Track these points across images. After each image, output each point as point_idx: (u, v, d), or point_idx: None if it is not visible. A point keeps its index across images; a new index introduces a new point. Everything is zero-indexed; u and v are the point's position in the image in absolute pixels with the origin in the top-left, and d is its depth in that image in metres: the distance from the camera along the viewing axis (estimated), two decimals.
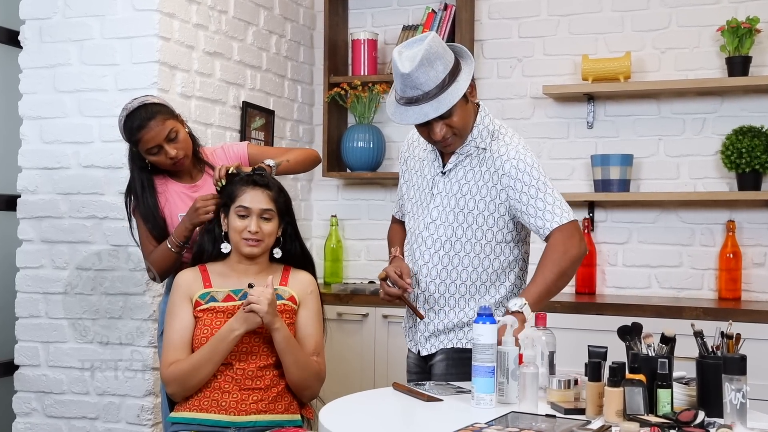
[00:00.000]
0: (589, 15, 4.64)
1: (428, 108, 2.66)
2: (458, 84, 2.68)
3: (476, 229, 2.83)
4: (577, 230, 2.78)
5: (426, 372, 2.98)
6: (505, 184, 2.79)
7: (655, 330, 2.48)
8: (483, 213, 2.82)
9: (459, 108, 2.72)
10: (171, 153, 3.14)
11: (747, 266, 4.33)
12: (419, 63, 2.61)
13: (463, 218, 2.84)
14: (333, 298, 4.42)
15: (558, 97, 4.62)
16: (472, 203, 2.83)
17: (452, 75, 2.68)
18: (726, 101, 4.41)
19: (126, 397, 3.80)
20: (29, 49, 3.94)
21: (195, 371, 2.79)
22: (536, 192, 2.76)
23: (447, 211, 2.85)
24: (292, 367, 2.83)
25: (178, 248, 3.15)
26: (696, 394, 2.35)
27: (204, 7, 4.08)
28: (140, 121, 3.10)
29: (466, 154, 2.84)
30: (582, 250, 2.78)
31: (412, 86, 2.65)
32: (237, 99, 4.36)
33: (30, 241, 3.94)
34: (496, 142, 2.83)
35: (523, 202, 2.77)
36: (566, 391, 2.44)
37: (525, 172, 2.77)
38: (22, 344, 3.95)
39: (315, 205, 5.13)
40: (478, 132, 2.83)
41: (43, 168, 3.92)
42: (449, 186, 2.86)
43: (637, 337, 2.46)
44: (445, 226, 2.85)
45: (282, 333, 2.78)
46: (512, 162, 2.78)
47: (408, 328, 3.04)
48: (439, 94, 2.65)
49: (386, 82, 4.74)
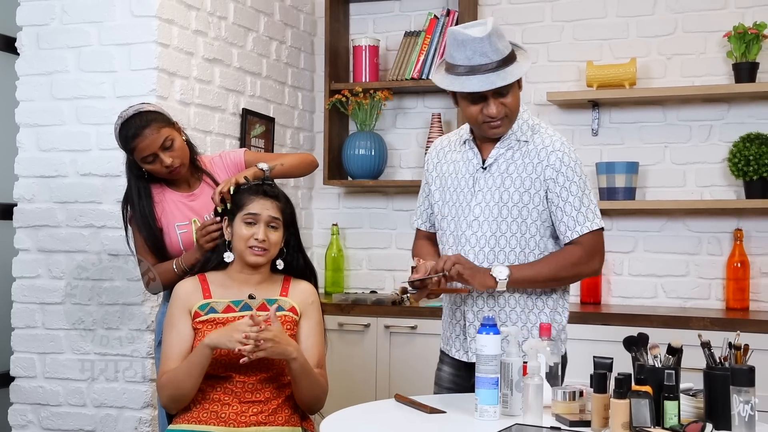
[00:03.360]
0: (594, 21, 4.61)
1: (495, 77, 2.66)
2: (520, 64, 2.71)
3: (521, 222, 2.79)
4: (601, 247, 2.81)
5: (467, 383, 2.85)
6: (549, 176, 2.77)
7: (661, 341, 2.47)
8: (527, 206, 2.78)
9: (515, 91, 2.75)
10: (166, 161, 3.12)
11: (755, 276, 4.30)
12: (491, 32, 2.64)
13: (507, 212, 2.79)
14: (334, 308, 4.38)
15: (562, 104, 4.60)
16: (517, 196, 2.78)
17: (515, 54, 2.73)
18: (733, 108, 4.38)
19: (124, 409, 3.77)
20: (26, 55, 3.92)
21: (177, 383, 2.76)
22: (577, 189, 2.77)
23: (491, 207, 2.80)
24: (305, 389, 2.81)
25: (182, 272, 3.13)
26: (703, 406, 2.33)
27: (203, 13, 4.06)
28: (135, 130, 3.08)
29: (507, 147, 2.81)
30: (592, 271, 2.82)
31: (482, 53, 2.64)
32: (237, 106, 4.33)
33: (26, 251, 3.92)
34: (539, 135, 2.82)
35: (562, 197, 2.76)
36: (571, 402, 2.41)
37: (569, 167, 2.77)
38: (18, 355, 3.92)
39: (316, 213, 5.10)
40: (519, 126, 2.82)
41: (39, 176, 3.89)
42: (491, 180, 2.81)
43: (643, 348, 2.44)
44: (489, 221, 2.80)
45: (299, 362, 2.75)
46: (557, 154, 2.77)
47: (454, 337, 2.93)
48: (505, 66, 2.67)
49: (388, 88, 4.72)
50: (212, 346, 2.72)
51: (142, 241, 3.21)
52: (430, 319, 4.18)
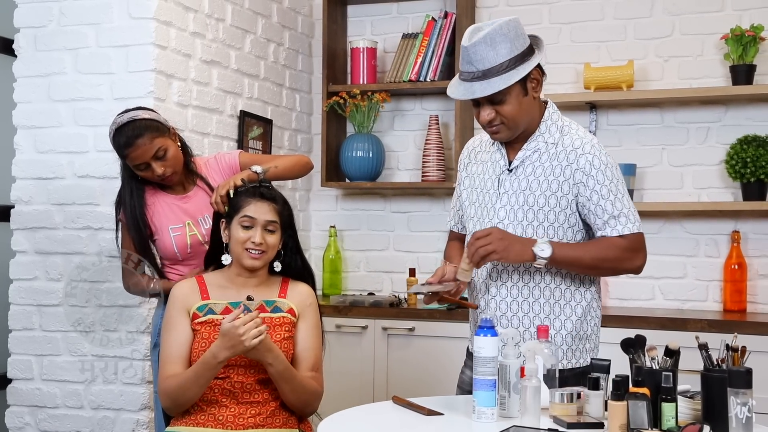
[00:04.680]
0: (592, 23, 4.61)
1: (477, 86, 2.62)
2: (517, 72, 2.62)
3: (547, 226, 2.72)
4: (644, 247, 2.72)
5: None
6: (578, 179, 2.69)
7: (659, 342, 2.45)
8: (554, 209, 2.71)
9: (514, 98, 2.66)
10: (158, 171, 3.13)
11: (752, 277, 4.30)
12: (480, 39, 2.59)
13: (533, 216, 2.72)
14: (332, 310, 4.37)
15: (560, 106, 4.41)
16: (543, 199, 2.72)
17: (518, 62, 2.62)
18: (730, 110, 4.38)
19: (121, 411, 3.77)
20: (24, 57, 3.91)
21: (183, 390, 2.75)
22: (608, 193, 2.68)
23: (515, 209, 2.74)
24: (289, 394, 2.80)
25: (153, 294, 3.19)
26: (701, 408, 2.31)
27: (201, 15, 4.05)
28: (127, 139, 3.08)
29: (534, 150, 2.75)
30: (635, 267, 2.72)
31: (468, 60, 2.62)
32: (234, 108, 4.33)
33: (24, 253, 3.91)
34: (568, 137, 2.74)
35: (593, 201, 2.68)
36: (569, 404, 2.40)
37: (599, 170, 2.68)
38: (15, 357, 3.91)
39: (313, 215, 5.09)
40: (546, 127, 2.76)
41: (37, 178, 3.88)
42: (516, 183, 2.76)
43: (640, 350, 2.42)
44: (513, 224, 2.74)
45: (275, 368, 2.74)
46: (587, 157, 2.69)
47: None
48: (493, 75, 2.60)
49: (386, 90, 4.71)
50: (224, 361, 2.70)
51: (130, 239, 3.21)
52: (428, 321, 4.18)
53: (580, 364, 2.74)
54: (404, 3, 4.95)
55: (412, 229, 4.89)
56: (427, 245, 4.81)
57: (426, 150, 4.69)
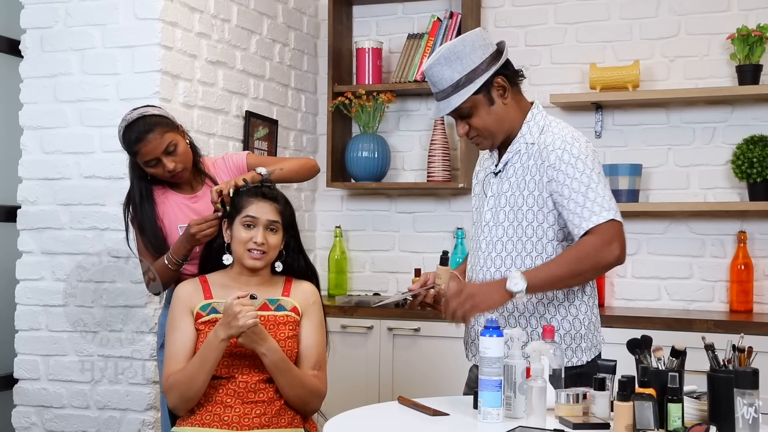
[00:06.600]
0: (597, 23, 4.61)
1: (442, 105, 2.72)
2: (472, 86, 2.66)
3: (526, 226, 2.73)
4: (617, 234, 2.60)
5: None
6: (550, 176, 2.68)
7: (665, 343, 2.44)
8: (532, 209, 2.72)
9: (481, 109, 2.70)
10: (169, 166, 3.12)
11: (759, 278, 4.29)
12: (435, 61, 2.69)
13: (513, 216, 2.74)
14: (337, 311, 4.37)
15: (565, 106, 4.59)
16: (521, 199, 2.73)
17: (476, 75, 2.66)
18: (736, 110, 4.37)
19: (127, 411, 3.77)
20: (30, 58, 3.92)
21: (190, 380, 2.75)
22: (579, 185, 2.63)
23: (497, 211, 2.78)
24: (285, 388, 2.81)
25: (175, 266, 3.13)
26: (707, 409, 2.31)
27: (207, 15, 4.06)
28: (138, 134, 3.08)
29: (515, 152, 2.77)
30: (613, 258, 2.60)
31: (431, 82, 2.72)
32: (240, 108, 4.33)
33: (30, 253, 3.91)
34: (545, 135, 2.73)
35: (564, 195, 2.64)
36: (575, 405, 2.40)
37: (569, 164, 2.65)
38: (21, 357, 3.92)
39: (319, 215, 5.09)
40: (528, 128, 2.76)
41: (43, 178, 3.89)
42: (499, 185, 2.80)
43: (646, 351, 2.42)
44: (496, 226, 2.77)
45: (269, 358, 2.75)
46: (557, 153, 2.67)
47: (471, 342, 2.89)
48: (451, 93, 2.68)
49: (391, 91, 4.71)
50: (226, 339, 2.71)
51: (143, 242, 3.21)
52: (434, 322, 4.17)
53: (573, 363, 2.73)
54: (410, 3, 4.95)
55: (417, 230, 4.89)
56: (433, 245, 4.81)
57: (431, 150, 4.69)
